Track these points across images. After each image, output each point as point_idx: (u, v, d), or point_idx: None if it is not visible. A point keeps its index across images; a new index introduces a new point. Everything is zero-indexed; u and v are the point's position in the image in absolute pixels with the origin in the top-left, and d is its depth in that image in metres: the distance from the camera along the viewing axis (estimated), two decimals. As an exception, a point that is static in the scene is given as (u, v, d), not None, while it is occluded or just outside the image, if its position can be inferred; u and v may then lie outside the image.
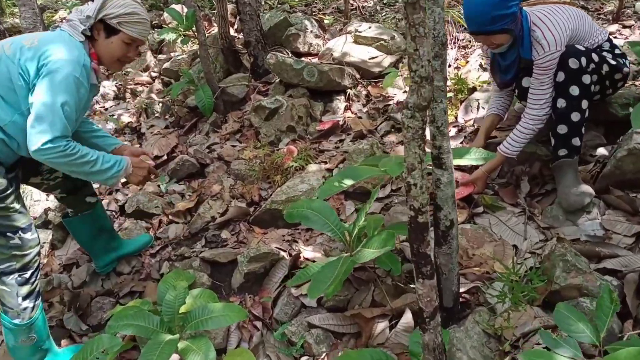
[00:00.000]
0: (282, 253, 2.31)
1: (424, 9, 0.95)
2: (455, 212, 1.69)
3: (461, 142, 2.79)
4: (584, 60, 2.03)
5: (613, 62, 2.16)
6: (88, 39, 1.95)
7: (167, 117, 4.01)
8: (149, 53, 4.95)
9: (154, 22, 5.56)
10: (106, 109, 4.31)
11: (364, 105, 3.50)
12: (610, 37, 2.34)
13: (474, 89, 3.07)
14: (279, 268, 2.24)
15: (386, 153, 2.82)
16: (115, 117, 4.13)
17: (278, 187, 2.75)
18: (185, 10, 3.99)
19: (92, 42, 1.97)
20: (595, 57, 2.10)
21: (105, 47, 1.97)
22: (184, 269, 2.33)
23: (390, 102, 3.41)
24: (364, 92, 3.58)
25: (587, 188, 2.03)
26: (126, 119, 4.08)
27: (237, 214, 2.66)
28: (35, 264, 1.97)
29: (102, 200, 2.98)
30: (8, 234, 1.87)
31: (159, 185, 3.05)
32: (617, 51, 2.28)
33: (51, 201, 3.04)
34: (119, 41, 1.97)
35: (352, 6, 4.36)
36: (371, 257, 1.54)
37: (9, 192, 1.86)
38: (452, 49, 3.67)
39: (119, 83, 4.61)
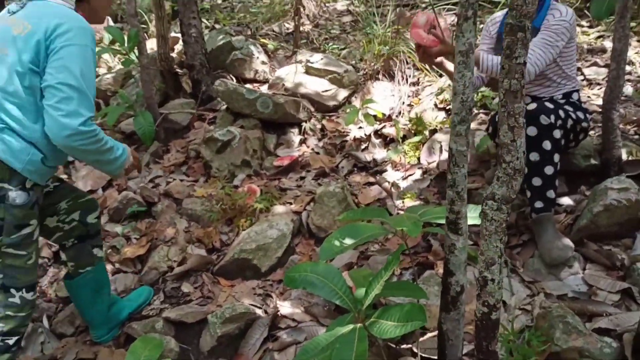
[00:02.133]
0: (257, 310, 2.12)
1: (524, 98, 0.87)
2: (466, 278, 1.62)
3: (428, 185, 2.77)
4: (552, 117, 2.10)
5: (574, 117, 2.25)
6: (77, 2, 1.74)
7: (97, 143, 3.61)
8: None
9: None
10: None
11: (319, 140, 3.40)
12: (579, 88, 2.46)
13: (434, 131, 3.09)
14: (256, 328, 2.05)
15: (354, 195, 2.73)
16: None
17: (242, 231, 2.55)
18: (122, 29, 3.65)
19: (81, 3, 1.74)
20: (561, 113, 2.18)
21: (97, 1, 1.79)
22: (144, 331, 2.05)
23: (347, 138, 3.34)
24: (319, 126, 3.48)
25: (568, 242, 2.08)
26: (48, 143, 3.62)
27: (198, 263, 2.42)
28: (23, 330, 1.75)
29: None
30: (12, 289, 1.69)
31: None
32: (581, 105, 2.38)
33: None
34: None
35: (300, 34, 4.25)
36: (397, 334, 1.42)
37: (34, 238, 1.70)
38: (403, 85, 3.69)
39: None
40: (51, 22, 1.59)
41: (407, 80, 3.69)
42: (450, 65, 2.20)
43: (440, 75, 3.73)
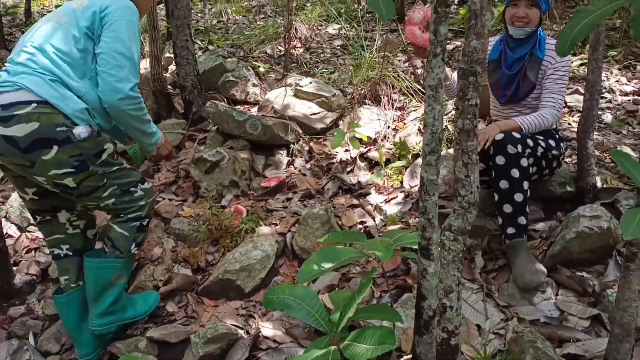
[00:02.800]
0: (239, 331, 2.16)
1: (477, 136, 0.94)
2: (436, 303, 1.69)
3: (409, 209, 2.85)
4: (519, 146, 2.20)
5: (544, 145, 2.34)
6: None
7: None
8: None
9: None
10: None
11: (306, 162, 3.47)
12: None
13: (417, 155, 3.17)
14: (238, 349, 2.09)
15: (338, 217, 2.80)
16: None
17: (227, 251, 2.60)
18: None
19: None
20: (530, 142, 2.27)
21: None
22: (128, 350, 2.09)
23: (334, 160, 3.41)
24: (306, 148, 3.55)
25: (541, 267, 2.15)
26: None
27: (184, 283, 2.46)
28: (150, 213, 2.13)
29: (21, 261, 2.63)
30: (132, 189, 2.02)
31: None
32: (559, 135, 2.47)
33: None
34: None
35: (291, 57, 4.36)
36: (369, 357, 1.47)
37: (112, 148, 1.96)
38: (389, 109, 3.78)
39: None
40: (105, 0, 1.90)
41: (392, 104, 3.79)
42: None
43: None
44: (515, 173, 2.18)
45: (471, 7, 1.02)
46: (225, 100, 4.00)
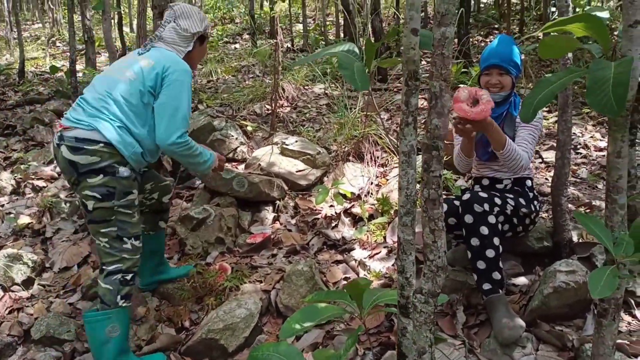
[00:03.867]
0: (222, 391, 2.14)
1: (442, 205, 1.02)
2: None
3: (392, 264, 2.89)
4: (486, 205, 2.30)
5: (513, 204, 2.43)
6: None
7: (75, 219, 3.70)
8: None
9: (60, 111, 5.28)
10: (2, 206, 3.88)
11: (292, 217, 3.53)
12: (533, 176, 2.66)
13: (400, 211, 3.24)
14: (220, 410, 2.07)
15: (323, 273, 2.83)
16: (12, 215, 3.73)
17: (211, 310, 2.61)
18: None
19: (188, 54, 2.41)
20: (497, 200, 2.38)
21: (199, 52, 2.48)
22: (108, 414, 2.06)
23: (319, 216, 3.48)
24: (292, 204, 3.62)
25: (519, 321, 2.18)
26: (26, 219, 3.69)
27: (167, 343, 2.45)
28: (136, 269, 2.28)
29: (3, 322, 2.61)
30: (124, 238, 2.22)
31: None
32: (533, 192, 2.57)
33: None
34: (205, 44, 2.50)
35: (278, 116, 4.50)
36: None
37: (137, 204, 2.28)
38: (372, 166, 3.89)
39: (19, 176, 4.21)
40: (167, 63, 2.26)
41: (375, 161, 3.91)
42: (495, 132, 2.33)
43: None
44: (484, 230, 2.27)
45: (431, 89, 1.12)
46: (212, 158, 4.09)
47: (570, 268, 2.28)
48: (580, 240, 2.71)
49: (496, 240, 2.29)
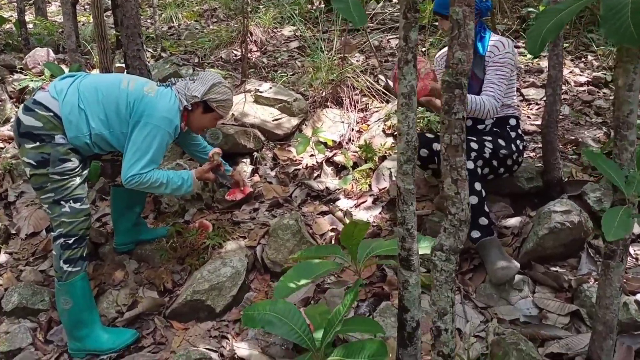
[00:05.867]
0: (212, 355, 2.05)
1: (465, 151, 0.88)
2: (421, 313, 1.64)
3: (380, 212, 2.80)
4: None
5: (491, 146, 2.33)
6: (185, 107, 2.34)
7: (39, 181, 3.45)
8: (8, 103, 4.28)
9: (12, 65, 4.87)
10: (-43, 171, 3.59)
11: (271, 169, 3.38)
12: (520, 114, 2.55)
13: (384, 157, 3.13)
14: (213, 374, 1.98)
15: (309, 225, 2.72)
16: (-31, 181, 3.46)
17: (194, 270, 2.48)
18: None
19: (188, 111, 2.35)
20: (474, 145, 2.28)
21: (199, 118, 2.39)
22: (94, 386, 1.96)
23: (300, 167, 3.33)
24: (270, 155, 3.46)
25: (511, 262, 2.13)
26: (-16, 183, 3.43)
27: (149, 306, 2.33)
28: (80, 232, 2.18)
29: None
30: (62, 201, 2.14)
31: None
32: (516, 132, 2.46)
33: None
34: (211, 117, 2.40)
35: (248, 62, 4.24)
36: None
37: (76, 171, 2.19)
38: (351, 112, 3.73)
39: (-28, 138, 3.89)
40: (160, 104, 2.22)
41: (355, 106, 3.74)
42: (437, 102, 2.23)
43: (387, 102, 3.81)
44: None
45: (453, 16, 0.95)
46: (182, 109, 3.85)
47: (565, 208, 2.22)
48: (570, 179, 2.65)
49: (477, 185, 2.21)
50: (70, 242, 2.15)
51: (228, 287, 2.33)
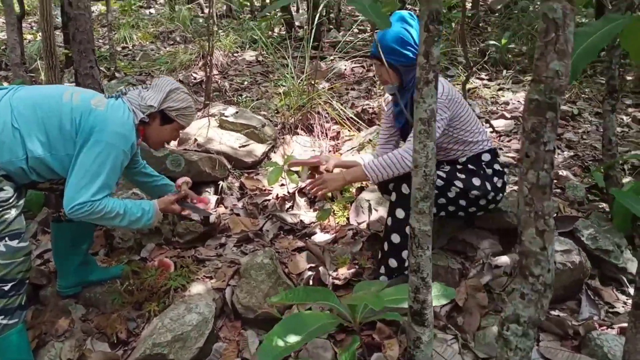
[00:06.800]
0: (178, 421, 1.73)
1: (552, 194, 0.68)
2: (432, 373, 1.41)
3: (360, 249, 2.58)
4: None
5: (461, 185, 2.13)
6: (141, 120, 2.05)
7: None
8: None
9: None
10: None
11: (238, 200, 3.11)
12: (496, 149, 2.36)
13: (361, 189, 2.93)
14: None
15: (284, 263, 2.45)
16: None
17: (154, 317, 2.16)
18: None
19: (144, 124, 2.07)
20: (439, 182, 2.11)
21: (158, 131, 2.12)
22: None
23: (269, 197, 3.08)
24: (237, 184, 3.19)
25: None
26: None
27: (101, 362, 1.98)
28: (19, 276, 1.85)
29: None
30: None
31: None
32: (492, 168, 2.26)
33: None
34: (172, 129, 2.14)
35: (214, 85, 3.99)
36: None
37: (11, 202, 1.85)
38: (322, 139, 3.54)
39: None
40: (111, 118, 1.91)
41: (326, 134, 3.55)
42: (352, 180, 2.20)
43: (358, 130, 3.64)
44: (399, 213, 2.11)
45: (549, 15, 0.74)
46: (138, 133, 3.54)
47: (564, 247, 2.08)
48: (559, 214, 2.53)
49: (408, 229, 1.99)
50: (6, 288, 1.81)
51: (194, 337, 2.02)
